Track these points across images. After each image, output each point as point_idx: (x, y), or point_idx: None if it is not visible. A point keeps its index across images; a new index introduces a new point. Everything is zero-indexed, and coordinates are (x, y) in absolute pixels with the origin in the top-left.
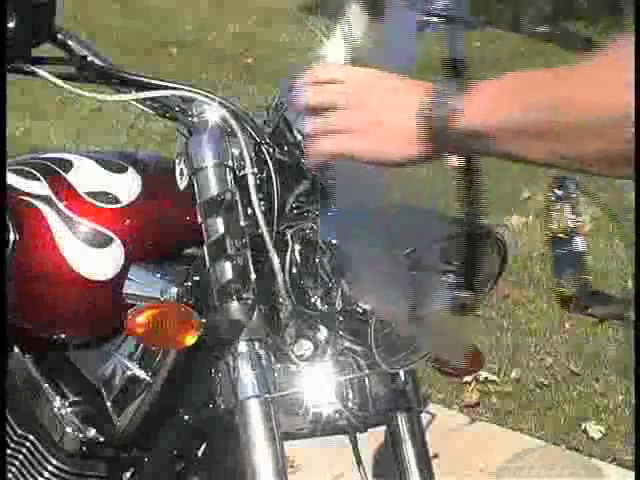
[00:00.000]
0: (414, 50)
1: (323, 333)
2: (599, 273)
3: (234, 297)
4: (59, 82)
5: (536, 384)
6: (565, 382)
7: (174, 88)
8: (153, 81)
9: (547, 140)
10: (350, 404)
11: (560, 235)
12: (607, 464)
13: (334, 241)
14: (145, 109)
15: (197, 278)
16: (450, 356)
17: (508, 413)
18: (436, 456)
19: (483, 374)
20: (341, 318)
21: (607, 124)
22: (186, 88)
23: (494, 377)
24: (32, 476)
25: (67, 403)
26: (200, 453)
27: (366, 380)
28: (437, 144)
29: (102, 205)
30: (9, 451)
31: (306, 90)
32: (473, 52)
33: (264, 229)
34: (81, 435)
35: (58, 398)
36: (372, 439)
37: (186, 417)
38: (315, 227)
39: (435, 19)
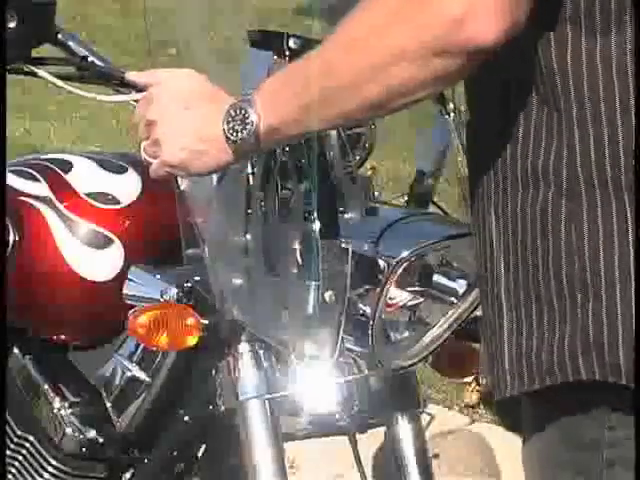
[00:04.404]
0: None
1: (325, 334)
2: None
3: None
4: (59, 82)
5: None
6: None
7: None
8: None
9: (330, 105)
10: (350, 405)
11: None
12: None
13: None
14: None
15: (197, 278)
16: (450, 357)
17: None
18: (436, 456)
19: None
20: (341, 318)
21: (366, 73)
22: None
23: None
24: (32, 477)
25: (67, 404)
26: (200, 453)
27: (366, 381)
28: (246, 148)
29: (102, 206)
30: (9, 452)
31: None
32: None
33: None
34: (81, 436)
35: (58, 399)
36: (372, 439)
37: (186, 417)
38: (315, 227)
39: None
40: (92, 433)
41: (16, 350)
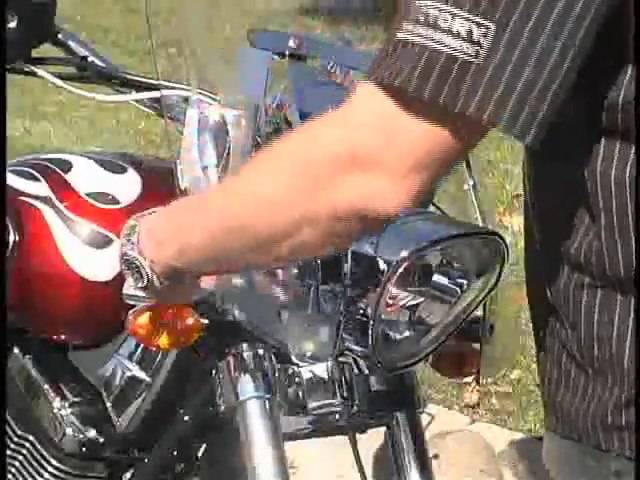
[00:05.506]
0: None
1: (324, 333)
2: None
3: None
4: (59, 82)
5: (536, 385)
6: None
7: (174, 88)
8: (153, 81)
9: (234, 259)
10: (350, 405)
11: None
12: None
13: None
14: (145, 109)
15: None
16: (450, 357)
17: (508, 414)
18: (436, 456)
19: None
20: (341, 318)
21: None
22: (186, 88)
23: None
24: (32, 476)
25: (67, 404)
26: (200, 453)
27: (366, 380)
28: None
29: (102, 206)
30: (9, 451)
31: None
32: None
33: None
34: (81, 436)
35: (58, 399)
36: (372, 439)
37: (186, 417)
38: None
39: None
40: (92, 433)
41: (16, 350)
